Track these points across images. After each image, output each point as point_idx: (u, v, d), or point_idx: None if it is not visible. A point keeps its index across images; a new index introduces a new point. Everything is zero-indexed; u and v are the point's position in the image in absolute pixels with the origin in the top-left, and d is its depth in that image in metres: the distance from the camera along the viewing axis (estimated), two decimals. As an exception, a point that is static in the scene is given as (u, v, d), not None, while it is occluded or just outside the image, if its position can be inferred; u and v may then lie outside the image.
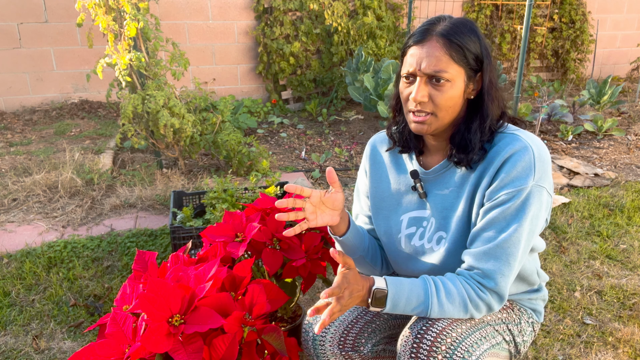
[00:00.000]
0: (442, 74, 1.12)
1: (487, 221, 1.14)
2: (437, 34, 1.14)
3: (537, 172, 1.12)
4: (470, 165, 1.18)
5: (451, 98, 1.15)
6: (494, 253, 1.12)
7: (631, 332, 1.98)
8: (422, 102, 1.15)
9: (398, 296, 1.11)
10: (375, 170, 1.40)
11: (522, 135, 1.16)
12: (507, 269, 1.13)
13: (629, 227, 2.87)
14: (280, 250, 1.56)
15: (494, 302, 1.15)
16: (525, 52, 3.97)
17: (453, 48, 1.13)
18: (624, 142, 4.45)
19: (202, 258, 1.46)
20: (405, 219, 1.32)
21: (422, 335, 1.11)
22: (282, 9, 5.20)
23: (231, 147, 3.46)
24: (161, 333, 1.09)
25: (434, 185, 1.27)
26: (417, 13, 5.87)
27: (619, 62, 7.39)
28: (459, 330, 1.13)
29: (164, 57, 4.46)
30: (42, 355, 1.86)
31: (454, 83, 1.14)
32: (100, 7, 3.08)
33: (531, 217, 1.13)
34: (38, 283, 2.29)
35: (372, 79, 4.69)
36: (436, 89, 1.14)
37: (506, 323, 1.27)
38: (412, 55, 1.16)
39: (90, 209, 3.02)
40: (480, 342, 1.15)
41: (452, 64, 1.13)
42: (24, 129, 4.55)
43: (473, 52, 1.14)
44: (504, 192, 1.12)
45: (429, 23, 1.17)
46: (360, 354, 1.35)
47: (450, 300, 1.13)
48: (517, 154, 1.12)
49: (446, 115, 1.17)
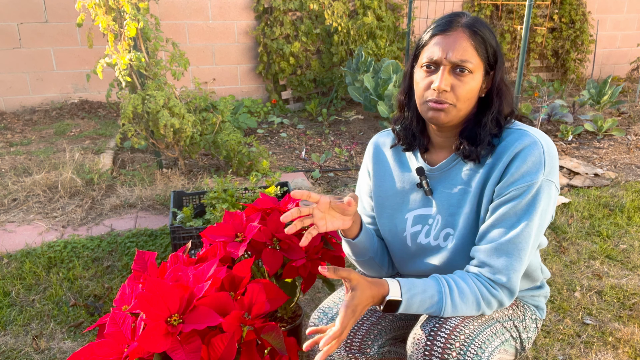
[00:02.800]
0: (467, 64, 1.13)
1: (498, 217, 1.14)
2: (463, 25, 1.16)
3: (547, 167, 1.12)
4: (479, 159, 1.18)
5: (472, 90, 1.16)
6: (506, 249, 1.13)
7: (631, 332, 1.98)
8: (445, 91, 1.15)
9: (411, 300, 1.11)
10: (379, 169, 1.40)
11: (530, 131, 1.17)
12: (519, 264, 1.13)
13: (629, 227, 2.87)
14: (280, 250, 1.56)
15: (505, 298, 1.16)
16: (525, 52, 3.97)
17: (477, 40, 1.15)
18: (624, 142, 4.45)
19: (201, 258, 1.46)
20: (410, 217, 1.32)
21: (436, 333, 1.10)
22: (282, 9, 5.20)
23: (231, 147, 3.46)
24: (159, 333, 1.08)
25: (440, 182, 1.27)
26: (417, 13, 5.87)
27: (619, 62, 7.39)
28: (471, 327, 1.13)
29: (164, 57, 4.46)
30: (42, 355, 1.86)
31: (475, 75, 1.15)
32: (100, 7, 3.08)
33: (541, 211, 1.13)
34: (38, 283, 2.29)
35: (372, 79, 4.69)
36: (459, 79, 1.15)
37: (512, 320, 1.27)
38: (437, 43, 1.16)
39: (90, 209, 3.02)
40: (491, 339, 1.15)
41: (476, 55, 1.15)
42: (24, 129, 4.55)
43: (493, 47, 1.17)
44: (515, 188, 1.12)
45: (452, 15, 1.19)
46: (367, 356, 1.34)
47: (463, 299, 1.13)
48: (527, 148, 1.12)
49: (463, 107, 1.17)
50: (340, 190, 3.39)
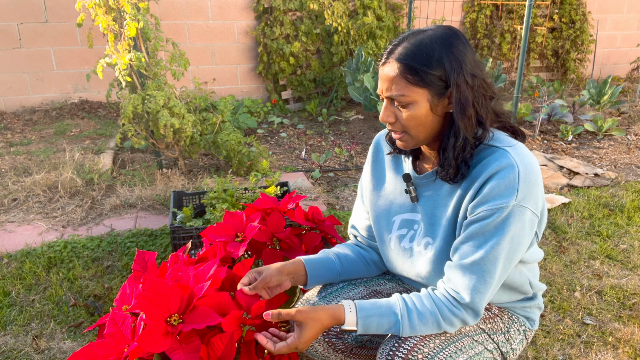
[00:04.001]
0: (402, 98, 1.12)
1: (466, 235, 1.14)
2: (395, 59, 1.12)
3: (520, 192, 1.09)
4: (453, 180, 1.17)
5: (416, 117, 1.13)
6: (470, 268, 1.12)
7: (631, 332, 1.98)
8: (390, 122, 1.17)
9: (367, 327, 1.14)
10: (376, 168, 1.41)
11: (512, 152, 1.12)
12: (483, 286, 1.12)
13: (629, 227, 2.87)
14: (280, 250, 1.56)
15: (469, 318, 1.15)
16: (525, 52, 3.97)
17: (409, 72, 1.10)
18: (624, 142, 4.45)
19: (201, 258, 1.46)
20: (398, 220, 1.33)
21: (394, 353, 1.12)
22: (282, 9, 5.20)
23: (231, 147, 3.46)
24: (159, 332, 1.09)
25: (425, 191, 1.27)
26: (417, 13, 5.87)
27: (619, 62, 7.38)
28: (431, 345, 1.14)
29: (164, 57, 4.46)
30: (42, 355, 1.86)
31: (417, 104, 1.12)
32: (100, 7, 3.08)
33: (511, 236, 1.11)
34: (38, 283, 2.29)
35: (372, 79, 4.69)
36: (399, 109, 1.15)
37: (488, 333, 1.26)
38: (379, 75, 1.17)
39: (90, 209, 3.02)
40: (455, 355, 1.15)
41: (409, 86, 1.11)
42: (24, 129, 4.55)
43: (434, 74, 1.10)
44: (484, 208, 1.11)
45: (395, 42, 1.16)
46: (344, 341, 1.35)
47: (421, 320, 1.14)
48: (502, 172, 1.10)
49: (418, 133, 1.16)
50: (340, 190, 3.39)
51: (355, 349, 1.37)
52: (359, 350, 1.38)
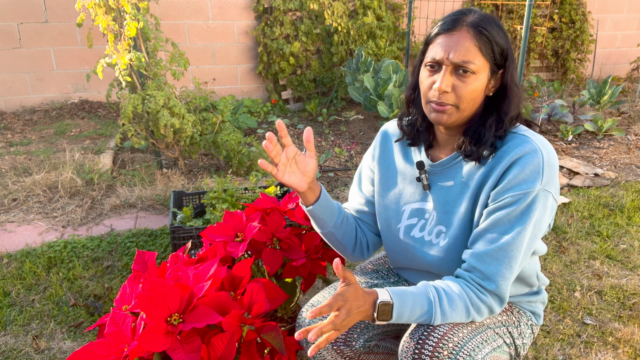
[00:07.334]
0: (469, 65, 1.11)
1: (491, 222, 1.13)
2: (467, 25, 1.13)
3: (545, 177, 1.10)
4: (479, 160, 1.17)
5: (474, 91, 1.14)
6: (496, 255, 1.12)
7: (631, 332, 1.98)
8: (445, 92, 1.14)
9: (403, 308, 1.10)
10: (384, 158, 1.39)
11: (533, 138, 1.15)
12: (509, 272, 1.12)
13: (629, 227, 2.87)
14: (281, 250, 1.56)
15: (495, 305, 1.15)
16: (525, 52, 3.97)
17: (482, 40, 1.12)
18: (624, 142, 4.45)
19: (201, 258, 1.46)
20: (407, 209, 1.31)
21: (424, 341, 1.10)
22: (282, 9, 5.20)
23: (231, 147, 3.46)
24: (159, 332, 1.09)
25: (439, 179, 1.26)
26: (417, 13, 5.87)
27: (619, 62, 7.38)
28: (460, 334, 1.12)
29: (164, 57, 4.46)
30: (42, 355, 1.86)
31: (479, 76, 1.13)
32: (100, 7, 3.08)
33: (535, 221, 1.12)
34: (38, 283, 2.29)
35: (372, 79, 4.69)
36: (461, 79, 1.13)
37: (506, 326, 1.26)
38: (440, 43, 1.14)
39: (90, 209, 3.02)
40: (481, 346, 1.14)
41: (479, 56, 1.12)
42: (24, 129, 4.55)
43: (500, 47, 1.14)
44: (510, 195, 1.11)
45: (459, 13, 1.16)
46: (352, 349, 1.34)
47: (452, 307, 1.12)
48: (526, 156, 1.11)
49: (467, 108, 1.16)
50: (341, 190, 3.39)
51: (362, 354, 1.37)
52: (366, 356, 1.38)
